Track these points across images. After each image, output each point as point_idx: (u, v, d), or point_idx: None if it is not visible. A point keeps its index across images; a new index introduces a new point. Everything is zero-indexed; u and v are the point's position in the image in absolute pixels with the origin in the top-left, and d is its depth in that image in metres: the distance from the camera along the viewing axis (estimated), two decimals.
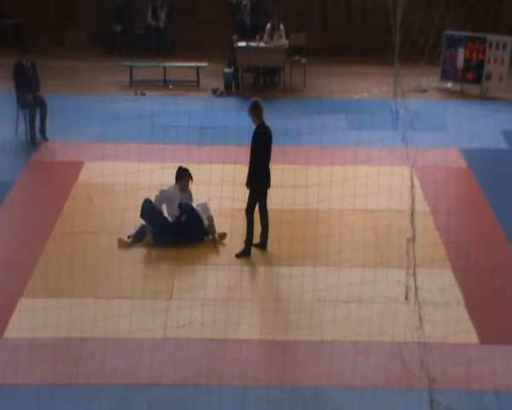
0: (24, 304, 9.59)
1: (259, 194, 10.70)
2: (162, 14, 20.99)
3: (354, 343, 8.97)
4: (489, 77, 18.25)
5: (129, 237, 11.15)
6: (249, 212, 10.71)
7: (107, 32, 20.97)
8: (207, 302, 9.78)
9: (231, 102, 17.75)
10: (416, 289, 7.09)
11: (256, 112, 10.68)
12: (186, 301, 9.67)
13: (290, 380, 8.42)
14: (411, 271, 7.04)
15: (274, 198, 10.82)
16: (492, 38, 18.24)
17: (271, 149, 10.72)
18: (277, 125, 15.32)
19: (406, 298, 8.35)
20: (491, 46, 18.19)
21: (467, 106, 17.13)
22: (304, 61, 18.86)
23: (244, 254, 10.74)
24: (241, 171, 10.62)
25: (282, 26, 18.54)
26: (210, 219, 11.19)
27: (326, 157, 12.54)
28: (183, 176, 11.26)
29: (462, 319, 9.50)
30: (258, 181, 10.60)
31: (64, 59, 20.16)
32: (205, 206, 11.26)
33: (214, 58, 19.28)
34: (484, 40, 18.27)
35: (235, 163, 10.86)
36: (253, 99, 10.85)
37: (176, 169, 11.33)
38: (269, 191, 10.83)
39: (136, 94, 17.96)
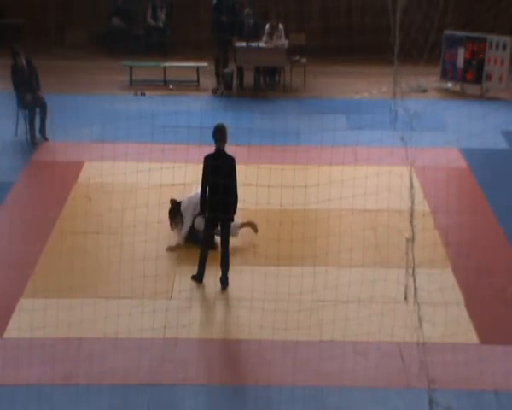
0: (24, 304, 9.59)
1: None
2: (162, 14, 20.99)
3: (353, 343, 8.97)
4: (489, 77, 18.25)
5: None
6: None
7: (108, 32, 20.98)
8: (207, 302, 9.79)
9: (231, 102, 17.74)
10: (415, 289, 7.10)
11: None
12: (186, 301, 9.67)
13: (289, 380, 8.41)
14: (411, 271, 7.05)
15: (273, 198, 10.82)
16: (492, 38, 18.24)
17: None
18: (277, 125, 15.42)
19: (405, 298, 8.32)
20: (491, 46, 18.19)
21: (467, 106, 17.13)
22: (304, 61, 18.87)
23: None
24: (241, 171, 10.58)
25: (281, 26, 18.54)
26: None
27: (325, 157, 12.52)
28: None
29: (462, 319, 9.50)
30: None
31: (64, 59, 20.15)
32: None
33: (214, 58, 19.26)
34: (484, 40, 18.27)
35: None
36: (220, 123, 10.26)
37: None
38: (266, 192, 10.76)
39: (136, 94, 17.96)
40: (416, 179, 11.50)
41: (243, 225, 11.28)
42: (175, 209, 11.41)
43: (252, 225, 11.33)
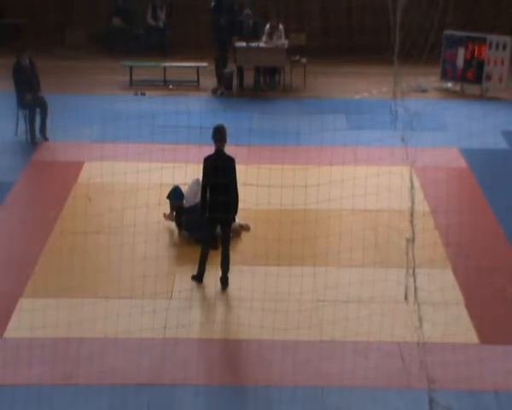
0: (24, 304, 9.59)
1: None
2: (162, 14, 21.00)
3: (353, 343, 8.97)
4: (489, 77, 18.24)
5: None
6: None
7: (108, 32, 20.99)
8: (207, 302, 9.78)
9: (231, 102, 17.75)
10: (415, 289, 7.10)
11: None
12: (186, 301, 9.67)
13: (290, 380, 8.42)
14: (411, 271, 7.05)
15: (273, 198, 10.82)
16: (492, 38, 18.24)
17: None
18: (277, 125, 15.43)
19: (406, 298, 8.34)
20: (491, 46, 18.18)
21: (467, 106, 17.13)
22: (304, 61, 18.87)
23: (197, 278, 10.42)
24: (241, 171, 10.59)
25: (281, 26, 18.54)
26: None
27: (325, 157, 12.52)
28: None
29: (462, 319, 9.50)
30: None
31: (64, 59, 20.15)
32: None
33: (214, 58, 19.27)
34: (484, 40, 18.27)
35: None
36: (220, 124, 10.28)
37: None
38: (267, 192, 10.75)
39: (136, 94, 17.96)
40: (417, 179, 11.51)
41: (242, 227, 11.35)
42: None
43: (245, 228, 11.45)
